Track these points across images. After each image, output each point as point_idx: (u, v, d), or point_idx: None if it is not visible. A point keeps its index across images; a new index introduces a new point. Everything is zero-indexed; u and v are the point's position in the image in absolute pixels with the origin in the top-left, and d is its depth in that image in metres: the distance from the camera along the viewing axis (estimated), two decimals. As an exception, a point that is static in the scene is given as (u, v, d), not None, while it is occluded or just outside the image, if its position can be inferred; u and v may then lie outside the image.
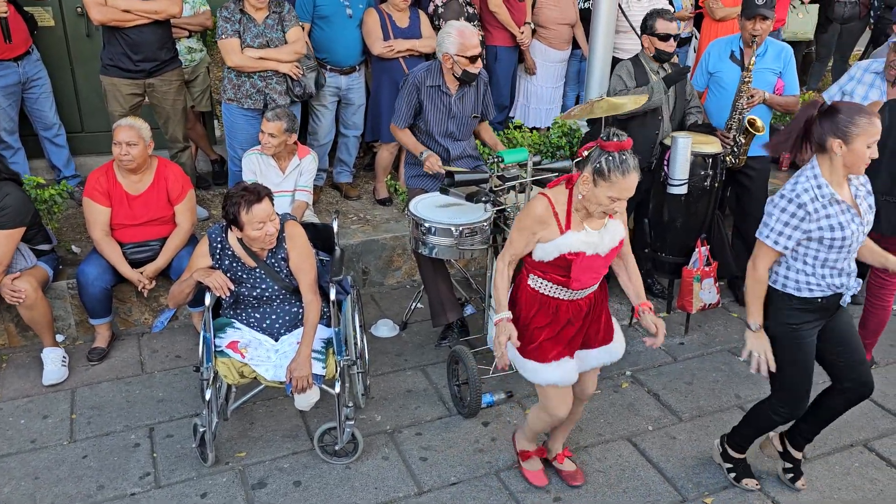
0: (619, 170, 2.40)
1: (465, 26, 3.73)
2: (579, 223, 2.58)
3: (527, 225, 2.61)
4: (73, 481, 3.12)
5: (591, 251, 2.59)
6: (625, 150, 2.42)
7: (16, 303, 3.60)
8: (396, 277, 4.81)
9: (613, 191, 2.43)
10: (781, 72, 4.21)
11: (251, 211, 2.96)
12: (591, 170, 2.43)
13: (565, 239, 2.57)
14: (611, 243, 2.63)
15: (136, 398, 3.67)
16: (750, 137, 4.15)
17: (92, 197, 3.80)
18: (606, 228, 2.61)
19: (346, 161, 5.24)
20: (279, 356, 3.09)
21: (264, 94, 4.45)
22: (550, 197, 2.59)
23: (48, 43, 4.95)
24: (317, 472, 3.20)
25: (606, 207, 2.49)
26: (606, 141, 2.42)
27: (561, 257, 2.59)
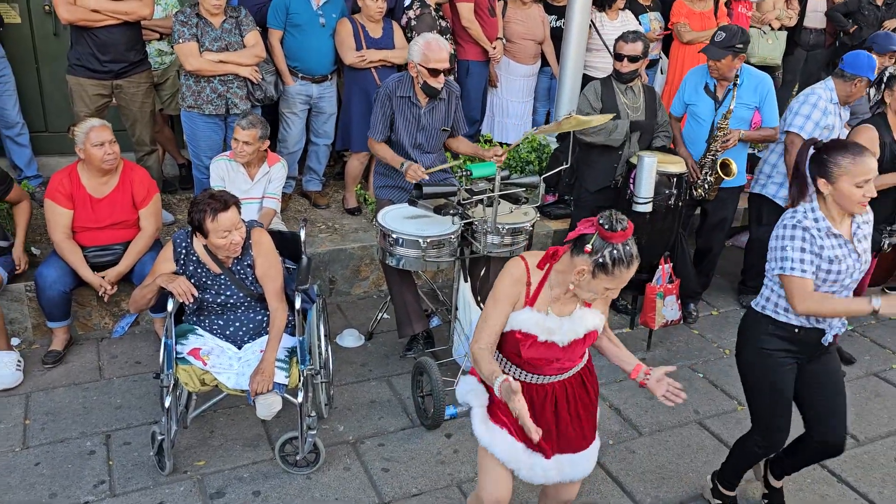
0: (623, 263, 2.10)
1: (435, 39, 3.75)
2: (544, 303, 2.27)
3: (506, 292, 2.27)
4: (25, 489, 3.05)
5: (544, 337, 2.26)
6: (628, 239, 2.14)
7: None
8: (363, 287, 4.80)
9: (613, 283, 2.15)
10: (759, 104, 4.26)
11: (217, 219, 2.93)
12: (592, 263, 2.11)
13: (521, 315, 2.26)
14: (573, 334, 2.28)
15: (92, 404, 3.60)
16: (720, 180, 4.26)
17: (54, 199, 3.73)
18: (572, 318, 2.28)
19: (316, 169, 5.23)
20: (242, 364, 3.06)
21: (226, 99, 4.43)
22: (527, 262, 2.29)
23: (14, 40, 4.87)
24: (277, 482, 3.16)
25: (599, 296, 2.22)
26: (609, 230, 2.09)
27: (511, 334, 2.29)
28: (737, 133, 4.20)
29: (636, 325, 4.53)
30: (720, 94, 4.25)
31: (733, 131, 4.20)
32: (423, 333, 3.99)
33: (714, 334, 4.61)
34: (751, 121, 4.28)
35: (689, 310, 4.67)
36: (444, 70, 3.76)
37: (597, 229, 2.13)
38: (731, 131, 4.19)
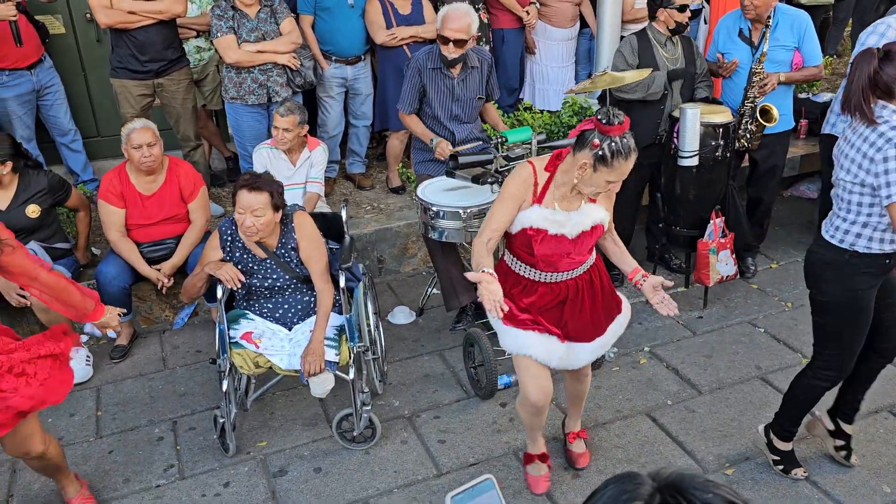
0: (622, 155, 2.28)
1: (455, 8, 3.70)
2: (551, 200, 2.46)
3: (513, 192, 2.46)
4: (100, 476, 3.19)
5: (554, 230, 2.46)
6: (626, 132, 2.30)
7: (22, 306, 3.68)
8: (412, 265, 4.83)
9: (613, 175, 2.33)
10: (799, 43, 4.09)
11: (239, 194, 3.02)
12: (593, 156, 2.29)
13: (530, 213, 2.46)
14: (580, 227, 2.49)
15: (158, 393, 3.73)
16: (762, 127, 4.09)
17: (106, 199, 3.86)
18: (579, 211, 2.48)
19: (358, 151, 5.26)
20: (293, 345, 3.12)
21: (267, 88, 4.48)
22: (535, 165, 2.49)
23: (60, 50, 5.03)
24: (336, 459, 3.23)
25: (602, 189, 2.40)
26: (607, 124, 2.26)
27: (523, 232, 2.49)
28: (775, 76, 4.02)
29: (691, 284, 4.42)
30: (755, 39, 4.07)
31: (771, 75, 4.02)
32: (471, 305, 3.99)
33: (774, 287, 4.46)
34: (791, 62, 4.09)
35: (746, 264, 4.53)
36: (456, 40, 3.69)
37: (595, 125, 2.29)
38: (769, 75, 4.02)
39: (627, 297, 2.94)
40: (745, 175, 4.68)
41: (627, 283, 3.31)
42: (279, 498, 3.04)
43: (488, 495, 1.33)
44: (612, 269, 3.28)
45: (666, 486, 0.99)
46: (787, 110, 4.26)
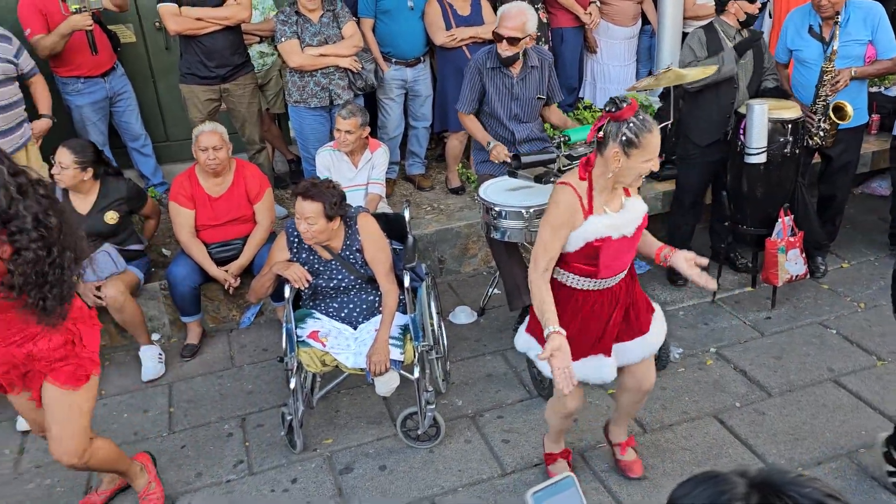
0: (645, 129, 2.31)
1: (512, 7, 3.70)
2: (601, 206, 2.47)
3: (562, 221, 2.44)
4: (174, 469, 3.29)
5: (617, 234, 2.47)
6: (637, 110, 2.32)
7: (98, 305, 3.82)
8: (472, 265, 4.84)
9: (646, 153, 2.33)
10: (872, 36, 3.96)
11: (297, 200, 3.08)
12: (619, 144, 2.31)
13: (589, 225, 2.44)
14: (634, 221, 2.52)
15: (227, 391, 3.83)
16: (835, 125, 3.97)
17: (177, 201, 3.99)
18: (626, 208, 2.50)
19: (418, 153, 5.30)
20: (358, 344, 3.17)
21: (329, 91, 4.55)
22: (572, 184, 2.47)
23: (131, 58, 5.20)
24: (401, 457, 3.26)
25: (643, 172, 2.39)
26: (617, 111, 2.31)
27: (587, 246, 2.46)
28: (847, 72, 3.89)
29: (759, 284, 4.32)
30: (826, 35, 3.94)
31: (842, 71, 3.89)
32: (534, 305, 3.97)
33: (845, 287, 4.32)
34: (864, 56, 3.95)
35: (816, 263, 4.39)
36: (510, 38, 3.68)
37: (607, 117, 2.33)
38: (840, 71, 3.89)
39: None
40: (815, 172, 4.55)
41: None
42: (346, 495, 3.08)
43: (568, 493, 1.33)
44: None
45: (760, 483, 0.97)
46: (862, 104, 4.13)
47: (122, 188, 3.97)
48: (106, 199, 3.89)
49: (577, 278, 2.57)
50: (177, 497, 3.13)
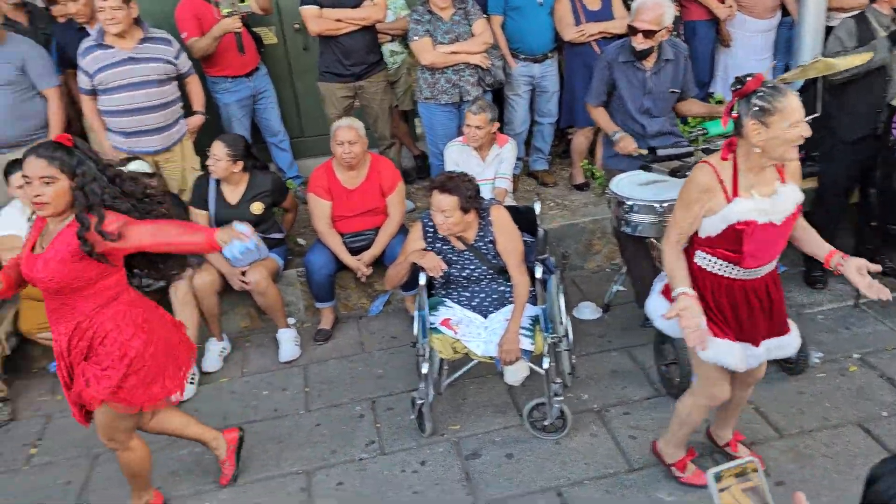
0: (778, 95, 2.27)
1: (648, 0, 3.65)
2: (747, 189, 2.40)
3: (694, 198, 2.44)
4: (311, 446, 3.48)
5: (763, 219, 2.39)
6: (763, 82, 2.30)
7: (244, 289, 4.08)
8: (596, 261, 4.81)
9: (786, 117, 2.26)
10: None
11: (433, 194, 3.18)
12: (753, 116, 2.29)
13: (734, 207, 2.40)
14: (785, 210, 2.43)
15: (358, 374, 4.00)
16: None
17: (315, 192, 4.20)
18: (778, 194, 2.42)
19: (542, 149, 5.32)
20: (489, 333, 3.23)
21: (459, 88, 4.65)
22: (713, 164, 2.44)
23: (272, 58, 5.51)
24: (528, 446, 3.30)
25: (795, 138, 2.30)
26: (742, 87, 2.31)
27: (730, 229, 2.42)
28: None
29: (909, 289, 4.04)
30: None
31: None
32: (663, 302, 3.91)
33: None
34: None
35: (975, 268, 4.07)
36: (646, 31, 3.62)
37: (734, 96, 2.33)
38: None
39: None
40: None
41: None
42: (473, 479, 3.16)
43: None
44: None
45: None
46: None
47: (268, 181, 4.22)
48: (253, 190, 4.15)
49: (722, 264, 2.52)
50: (314, 471, 3.31)
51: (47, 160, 2.43)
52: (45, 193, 2.43)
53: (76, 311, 2.57)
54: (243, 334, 4.49)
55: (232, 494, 3.22)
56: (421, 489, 3.14)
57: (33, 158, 2.44)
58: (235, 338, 4.42)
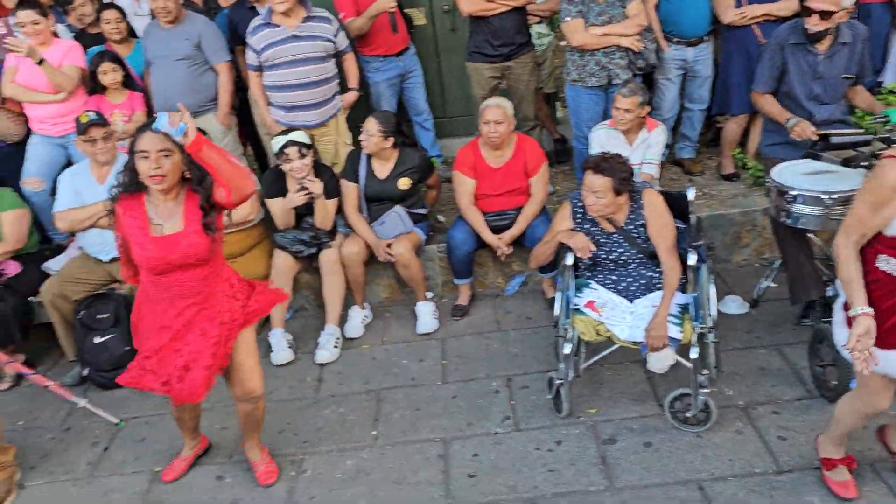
0: None
1: None
2: None
3: (884, 198, 2.27)
4: (447, 416, 3.57)
5: None
6: None
7: (389, 261, 4.21)
8: (744, 255, 4.60)
9: None
10: None
11: (586, 173, 3.15)
12: None
13: None
14: None
15: (494, 351, 4.05)
16: None
17: (460, 170, 4.27)
18: None
19: (690, 136, 5.14)
20: (634, 318, 3.18)
21: (608, 71, 4.56)
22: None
23: (421, 39, 5.63)
24: (667, 437, 3.23)
25: None
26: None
27: None
28: None
29: None
30: None
31: None
32: (819, 300, 3.69)
33: None
34: None
35: None
36: (823, 12, 3.39)
37: None
38: None
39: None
40: None
41: None
42: (609, 464, 3.13)
43: None
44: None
45: None
46: None
47: (416, 158, 4.33)
48: (402, 166, 4.28)
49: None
50: (450, 440, 3.40)
51: (163, 134, 2.54)
52: (164, 166, 2.54)
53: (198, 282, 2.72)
54: (383, 305, 4.65)
55: (373, 454, 3.36)
56: (556, 468, 3.15)
57: (150, 133, 2.55)
58: (376, 307, 4.58)
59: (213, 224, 2.65)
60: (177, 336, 2.75)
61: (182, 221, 2.64)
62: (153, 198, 2.66)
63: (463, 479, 3.17)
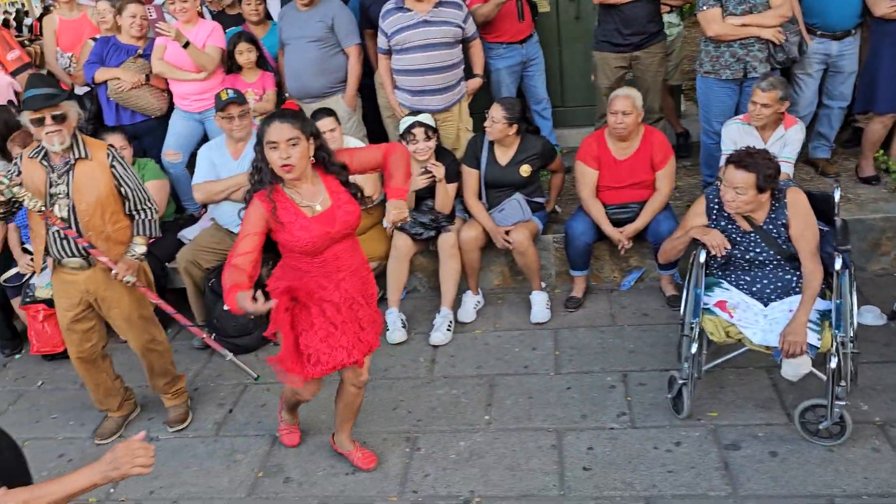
0: None
1: None
2: None
3: None
4: (560, 406, 3.54)
5: None
6: None
7: (506, 248, 4.21)
8: (882, 264, 4.33)
9: None
10: None
11: (727, 169, 3.03)
12: None
13: None
14: None
15: (609, 346, 3.98)
16: None
17: (584, 160, 4.20)
18: None
19: (826, 135, 4.87)
20: (768, 321, 3.05)
21: (744, 63, 4.37)
22: None
23: (544, 26, 5.56)
24: (795, 448, 3.09)
25: None
26: None
27: None
28: None
29: None
30: None
31: None
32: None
33: None
34: None
35: None
36: None
37: None
38: None
39: None
40: None
41: None
42: (732, 471, 3.03)
43: None
44: None
45: None
46: None
47: (538, 145, 4.30)
48: (523, 153, 4.26)
49: None
50: (564, 431, 3.37)
51: (290, 123, 2.57)
52: (293, 155, 2.56)
53: (350, 251, 2.82)
54: (495, 292, 4.66)
55: (486, 438, 3.38)
56: (675, 469, 3.08)
57: (277, 123, 2.56)
58: (488, 294, 4.60)
59: (358, 191, 2.77)
60: (342, 307, 2.84)
61: (329, 197, 2.71)
62: (290, 185, 2.69)
63: (577, 470, 3.14)
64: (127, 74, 4.67)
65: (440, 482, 3.18)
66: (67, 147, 3.18)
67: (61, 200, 3.23)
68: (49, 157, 3.23)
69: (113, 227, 3.32)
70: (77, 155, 3.23)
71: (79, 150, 3.23)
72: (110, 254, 3.32)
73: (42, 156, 3.23)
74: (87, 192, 3.23)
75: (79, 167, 3.23)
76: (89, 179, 3.23)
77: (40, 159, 3.23)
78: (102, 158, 3.27)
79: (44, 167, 3.23)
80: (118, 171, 3.30)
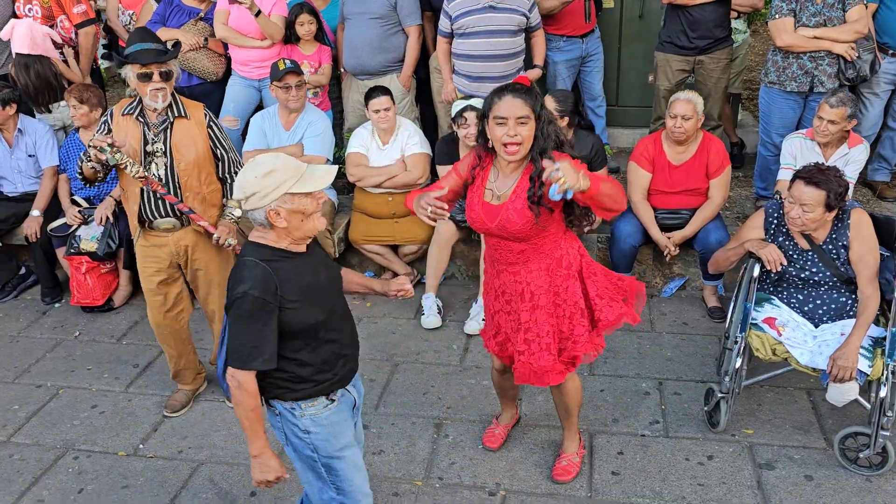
0: None
1: None
2: None
3: None
4: (593, 408, 3.50)
5: None
6: None
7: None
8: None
9: None
10: None
11: (796, 185, 2.95)
12: None
13: None
14: None
15: (645, 352, 3.93)
16: None
17: (638, 162, 4.13)
18: None
19: (888, 158, 4.75)
20: (818, 343, 2.98)
21: (812, 77, 4.25)
22: None
23: (606, 23, 5.47)
24: (831, 474, 3.02)
25: None
26: None
27: None
28: None
29: None
30: None
31: None
32: None
33: None
34: None
35: None
36: None
37: None
38: None
39: None
40: None
41: None
42: (766, 490, 2.97)
43: None
44: None
45: None
46: None
47: (590, 143, 4.23)
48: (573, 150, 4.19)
49: None
50: (595, 433, 3.33)
51: (523, 100, 2.34)
52: (521, 134, 2.35)
53: (515, 254, 2.58)
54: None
55: (515, 433, 3.35)
56: (706, 482, 3.03)
57: (510, 97, 2.34)
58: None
59: (539, 198, 2.42)
60: (508, 299, 2.69)
61: (511, 193, 2.48)
62: (499, 162, 2.51)
63: (606, 474, 3.11)
64: (187, 36, 4.69)
65: (466, 472, 3.16)
66: (167, 105, 3.14)
67: (158, 159, 3.17)
68: (145, 114, 3.17)
69: (208, 189, 3.26)
70: (176, 113, 3.18)
71: (177, 108, 3.19)
72: (205, 216, 3.28)
73: (138, 112, 3.17)
74: (185, 150, 3.17)
75: (177, 125, 3.17)
76: (187, 138, 3.17)
77: (136, 116, 3.16)
78: (200, 118, 3.22)
79: (140, 124, 3.16)
80: (215, 131, 3.26)
